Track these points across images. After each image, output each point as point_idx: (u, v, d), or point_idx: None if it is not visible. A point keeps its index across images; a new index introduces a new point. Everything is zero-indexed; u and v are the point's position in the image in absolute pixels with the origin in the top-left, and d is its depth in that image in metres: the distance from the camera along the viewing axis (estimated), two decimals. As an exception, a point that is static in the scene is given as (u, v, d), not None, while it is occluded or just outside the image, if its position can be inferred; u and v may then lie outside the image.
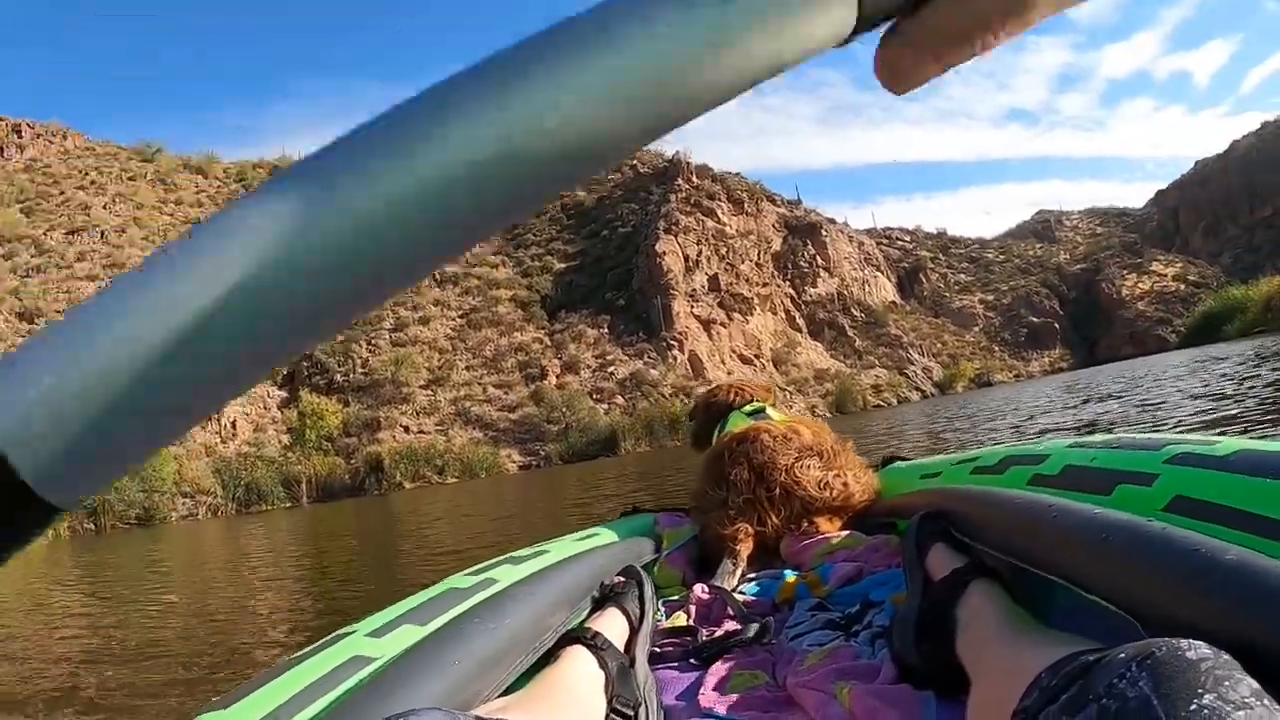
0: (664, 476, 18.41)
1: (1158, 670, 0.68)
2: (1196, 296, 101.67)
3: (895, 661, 1.33)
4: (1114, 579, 1.10)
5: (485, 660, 1.33)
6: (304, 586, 8.22)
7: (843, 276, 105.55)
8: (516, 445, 56.39)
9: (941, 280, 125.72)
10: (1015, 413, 16.87)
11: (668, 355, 70.30)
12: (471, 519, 14.34)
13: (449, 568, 6.96)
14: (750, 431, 2.63)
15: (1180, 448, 1.35)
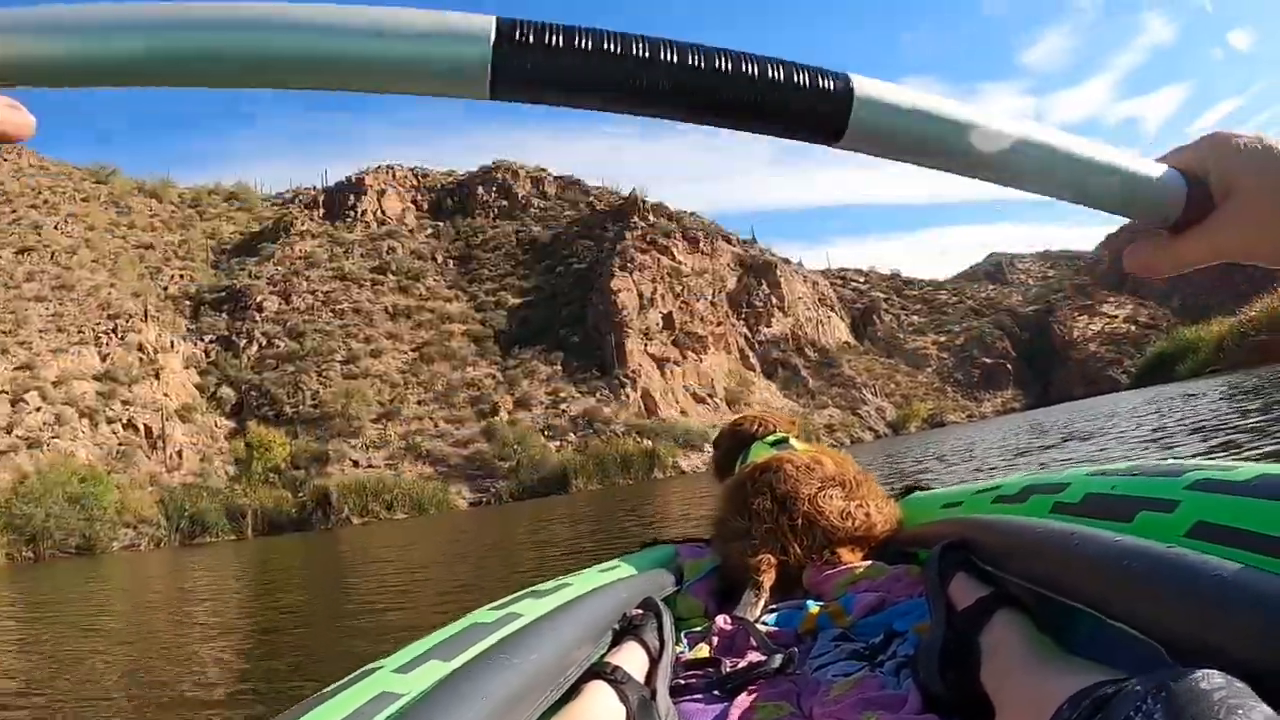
0: (616, 516, 18.16)
1: (1172, 702, 0.67)
2: (1147, 337, 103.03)
3: (920, 691, 1.36)
4: (1138, 605, 1.10)
5: (511, 696, 1.31)
6: (249, 634, 7.77)
7: (797, 316, 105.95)
8: (467, 481, 55.74)
9: (895, 321, 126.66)
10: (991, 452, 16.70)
11: (620, 393, 70.00)
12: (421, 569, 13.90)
13: (402, 624, 6.58)
14: (773, 461, 2.68)
15: (1201, 473, 1.36)
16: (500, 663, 1.39)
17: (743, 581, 2.36)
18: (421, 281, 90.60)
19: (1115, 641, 1.14)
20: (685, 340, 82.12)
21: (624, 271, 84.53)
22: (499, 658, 1.41)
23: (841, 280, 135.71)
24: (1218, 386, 19.90)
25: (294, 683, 5.44)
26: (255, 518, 47.06)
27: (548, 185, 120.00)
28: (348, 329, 77.81)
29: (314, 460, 56.87)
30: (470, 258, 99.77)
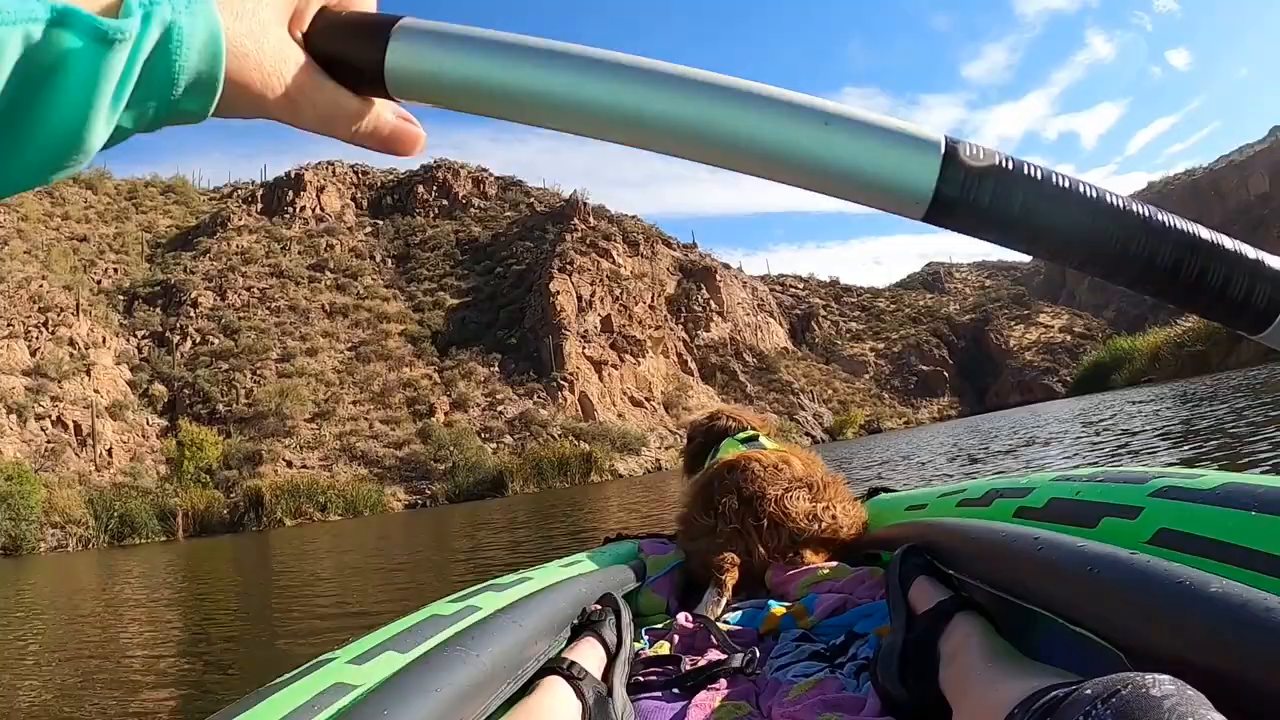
0: (552, 519, 18.18)
1: (1122, 708, 0.67)
2: (1082, 347, 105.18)
3: (880, 694, 1.36)
4: (1099, 611, 1.11)
5: (466, 690, 1.33)
6: (178, 640, 7.76)
7: (736, 321, 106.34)
8: (402, 483, 55.30)
9: (833, 328, 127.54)
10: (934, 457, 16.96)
11: (558, 395, 69.84)
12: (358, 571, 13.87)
13: (336, 631, 6.63)
14: (741, 459, 2.66)
15: (1165, 481, 1.36)
16: (456, 656, 1.40)
17: (706, 579, 2.38)
18: (359, 280, 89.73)
19: (1076, 647, 1.14)
20: (623, 343, 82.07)
21: (563, 274, 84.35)
22: (455, 651, 1.43)
23: (781, 286, 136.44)
24: (1166, 394, 20.34)
25: (227, 690, 5.37)
26: (186, 519, 46.27)
27: (488, 185, 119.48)
28: (283, 326, 76.85)
29: (247, 460, 56.06)
30: (409, 257, 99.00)
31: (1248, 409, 12.20)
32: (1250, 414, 11.52)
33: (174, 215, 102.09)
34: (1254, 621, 0.85)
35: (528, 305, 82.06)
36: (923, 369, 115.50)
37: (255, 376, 67.45)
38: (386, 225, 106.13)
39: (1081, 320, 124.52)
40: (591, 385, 73.36)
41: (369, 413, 65.48)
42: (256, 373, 68.12)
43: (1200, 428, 10.82)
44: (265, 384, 66.46)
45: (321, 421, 63.04)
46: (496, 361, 74.78)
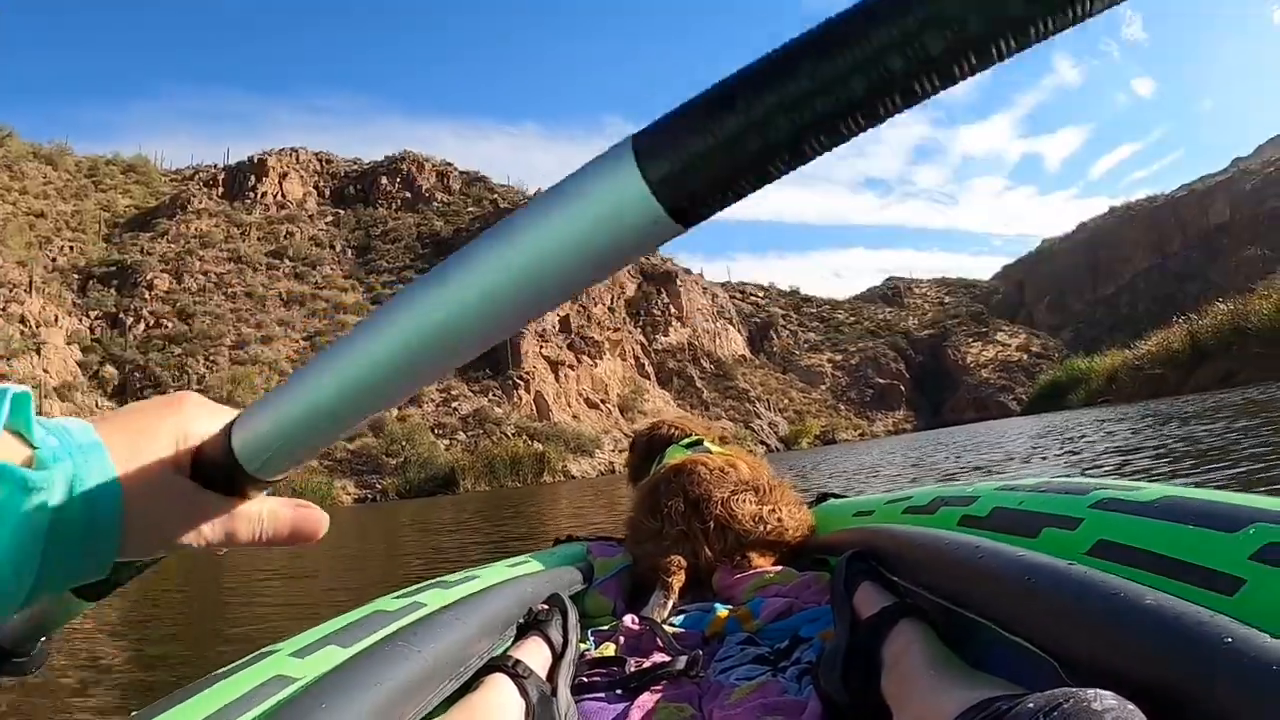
0: (503, 518, 18.13)
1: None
2: (1039, 367, 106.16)
3: (821, 699, 1.37)
4: (1037, 621, 1.13)
5: (408, 685, 1.34)
6: (119, 640, 7.66)
7: (694, 327, 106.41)
8: (352, 477, 54.81)
9: (792, 337, 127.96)
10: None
11: (513, 394, 69.59)
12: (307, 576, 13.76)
13: (278, 625, 6.59)
14: (687, 463, 2.72)
15: (1105, 493, 1.37)
16: (399, 651, 1.42)
17: (652, 582, 2.39)
18: (318, 269, 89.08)
19: (1014, 656, 1.16)
20: (581, 344, 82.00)
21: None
22: (398, 646, 1.45)
23: (741, 294, 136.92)
24: (1123, 415, 20.52)
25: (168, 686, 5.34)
26: None
27: (452, 180, 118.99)
28: (239, 313, 75.99)
29: (196, 448, 55.18)
30: (369, 248, 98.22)
31: (1244, 429, 12.33)
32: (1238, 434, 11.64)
33: (134, 195, 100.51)
34: (1187, 634, 0.86)
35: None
36: (879, 382, 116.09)
37: (208, 363, 66.55)
38: (348, 215, 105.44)
39: (1039, 340, 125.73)
40: (547, 385, 73.21)
41: (322, 404, 64.80)
42: (209, 359, 67.19)
43: (1197, 447, 10.93)
44: (218, 370, 65.34)
45: (273, 411, 62.18)
46: (453, 358, 74.31)
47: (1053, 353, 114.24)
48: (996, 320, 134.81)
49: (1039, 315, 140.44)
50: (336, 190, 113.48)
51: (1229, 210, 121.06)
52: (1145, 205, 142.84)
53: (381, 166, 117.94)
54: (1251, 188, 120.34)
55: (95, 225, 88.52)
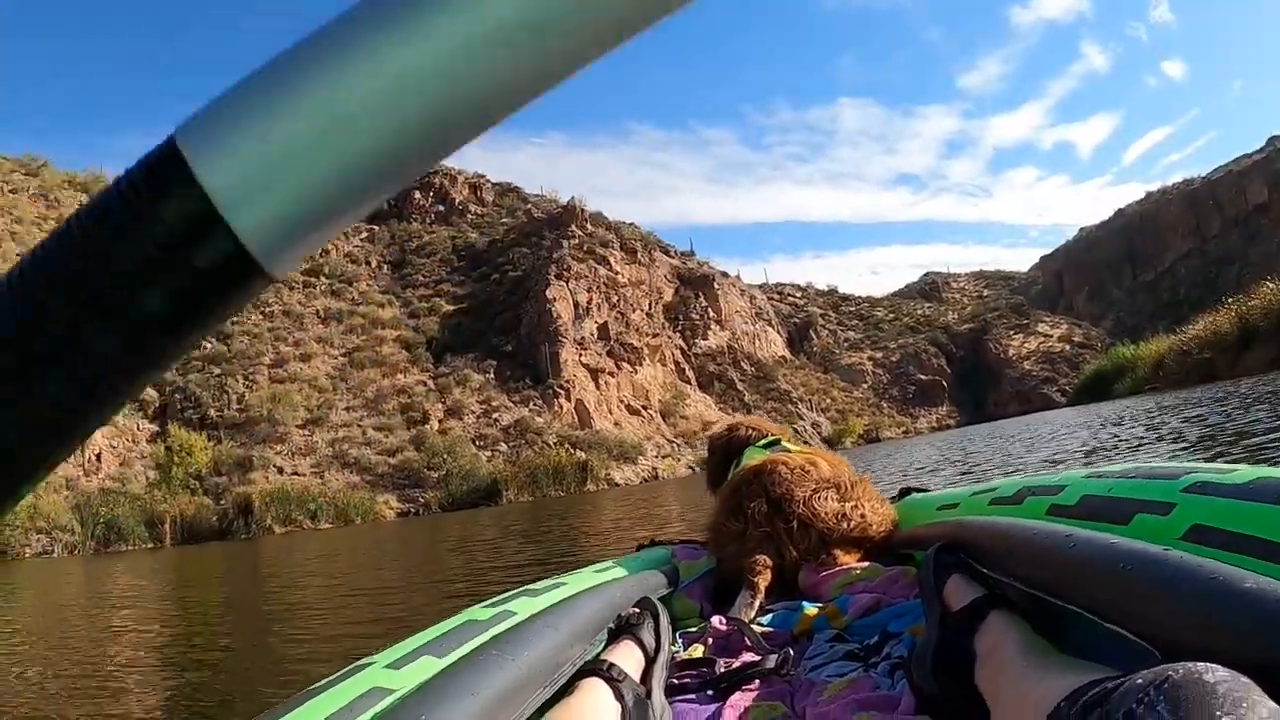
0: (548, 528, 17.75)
1: (1175, 694, 0.66)
2: (1081, 357, 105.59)
3: (914, 693, 1.38)
4: (1132, 607, 1.13)
5: (504, 693, 1.37)
6: (165, 653, 7.17)
7: (733, 330, 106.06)
8: (395, 491, 54.45)
9: (831, 337, 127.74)
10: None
11: (554, 403, 69.12)
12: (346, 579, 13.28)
13: (327, 642, 6.11)
14: (767, 464, 2.72)
15: (1197, 476, 1.37)
16: (493, 660, 1.43)
17: (738, 583, 2.37)
18: (354, 286, 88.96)
19: (1110, 644, 1.15)
20: (620, 351, 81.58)
21: (560, 280, 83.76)
22: (492, 655, 1.45)
23: (779, 295, 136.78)
24: (1190, 400, 19.71)
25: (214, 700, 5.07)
26: (174, 525, 45.17)
27: (485, 192, 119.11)
28: (276, 332, 75.80)
29: (237, 466, 55.03)
30: (404, 263, 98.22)
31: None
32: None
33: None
34: None
35: (524, 312, 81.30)
36: (921, 378, 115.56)
37: (247, 382, 66.36)
38: (382, 231, 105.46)
39: (1080, 330, 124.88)
40: (588, 393, 72.76)
41: (362, 419, 64.48)
42: (249, 378, 66.99)
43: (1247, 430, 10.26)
44: (257, 389, 65.20)
45: (314, 428, 61.99)
46: (492, 368, 73.98)
47: (1095, 342, 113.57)
48: (1037, 311, 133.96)
49: (1079, 305, 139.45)
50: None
51: (1267, 190, 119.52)
52: (1182, 189, 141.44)
53: (414, 181, 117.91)
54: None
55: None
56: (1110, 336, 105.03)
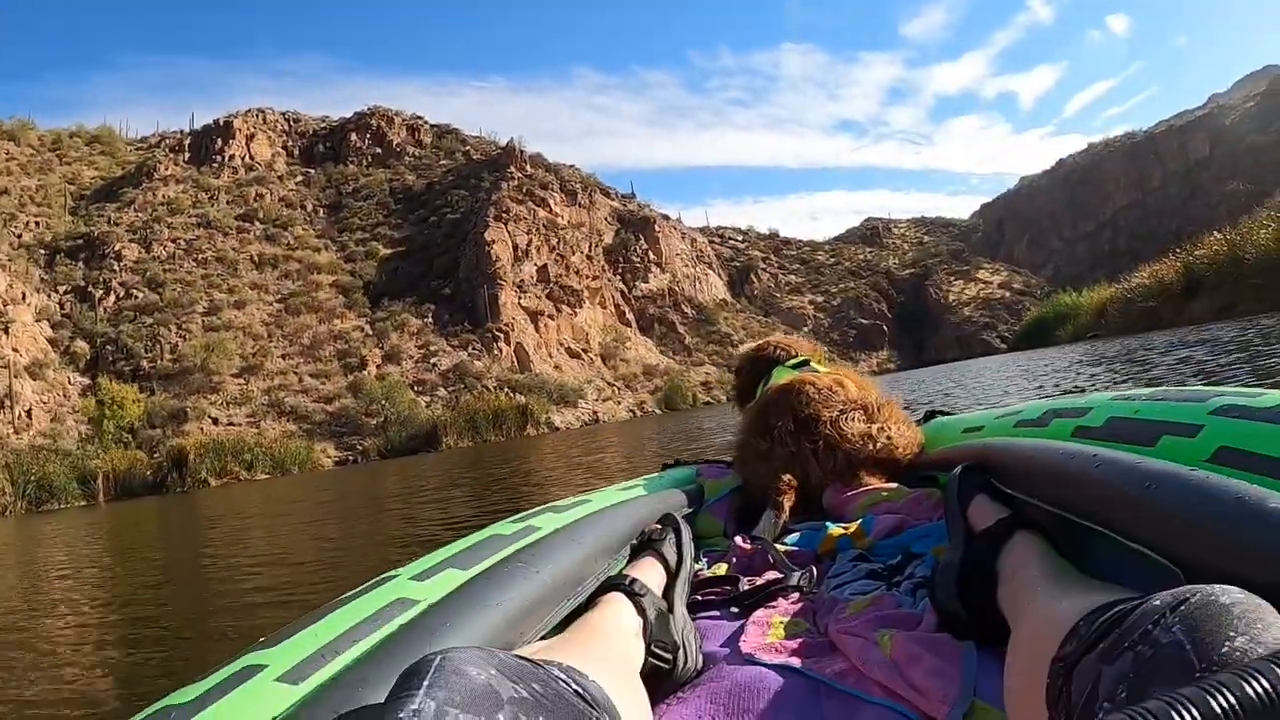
0: (487, 470, 17.72)
1: (1190, 615, 0.68)
2: (1021, 304, 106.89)
3: (936, 611, 1.39)
4: (1157, 528, 1.14)
5: (527, 604, 1.42)
6: (107, 617, 6.97)
7: (674, 273, 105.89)
8: (332, 439, 53.85)
9: (772, 280, 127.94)
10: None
11: (493, 347, 68.69)
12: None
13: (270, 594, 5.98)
14: (795, 383, 2.74)
15: (1225, 399, 1.38)
16: (518, 571, 1.49)
17: (763, 502, 2.38)
18: (289, 230, 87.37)
19: (1134, 565, 1.17)
20: (560, 294, 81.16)
21: (499, 222, 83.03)
22: (517, 567, 1.51)
23: (720, 238, 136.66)
24: (1138, 345, 19.90)
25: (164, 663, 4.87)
26: (107, 481, 44.00)
27: (423, 134, 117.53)
28: (210, 279, 74.29)
29: (171, 418, 53.92)
30: (341, 206, 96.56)
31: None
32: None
33: (99, 166, 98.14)
34: None
35: (462, 255, 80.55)
36: (862, 322, 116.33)
37: (181, 331, 64.99)
38: (318, 174, 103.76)
39: (1020, 277, 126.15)
40: (527, 336, 72.43)
41: (298, 366, 63.49)
42: (182, 327, 65.60)
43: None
44: (191, 338, 63.99)
45: (249, 376, 60.90)
46: (430, 312, 73.22)
47: (1034, 290, 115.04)
48: (977, 258, 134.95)
49: (1019, 253, 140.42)
50: (305, 149, 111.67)
51: (1209, 146, 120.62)
52: (1124, 141, 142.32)
53: (350, 123, 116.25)
54: (1230, 123, 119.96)
55: (61, 199, 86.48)
56: (1050, 285, 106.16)
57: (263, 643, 1.14)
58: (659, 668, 1.31)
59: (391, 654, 1.13)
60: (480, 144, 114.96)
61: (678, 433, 22.01)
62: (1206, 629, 0.66)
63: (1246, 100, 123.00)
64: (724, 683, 1.29)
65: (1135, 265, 46.84)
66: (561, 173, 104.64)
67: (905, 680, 1.19)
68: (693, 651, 1.37)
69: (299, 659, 1.11)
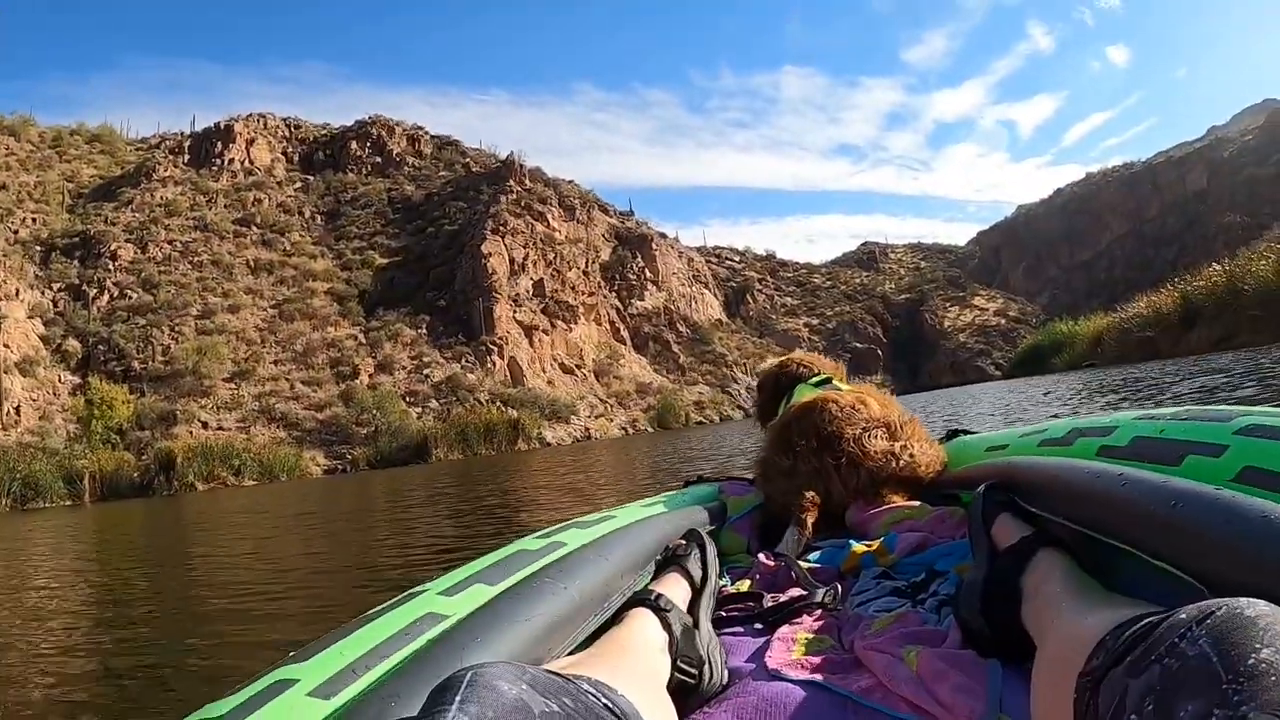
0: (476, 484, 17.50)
1: (1216, 628, 0.69)
2: (1016, 331, 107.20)
3: (961, 628, 1.39)
4: (1183, 546, 1.14)
5: (555, 620, 1.43)
6: (91, 619, 6.76)
7: (670, 291, 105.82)
8: (322, 447, 53.63)
9: (768, 302, 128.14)
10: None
11: (487, 360, 68.62)
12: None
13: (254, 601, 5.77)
14: (818, 400, 2.71)
15: (1250, 419, 1.37)
16: (546, 587, 1.50)
17: (785, 519, 2.37)
18: (286, 236, 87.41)
19: (1160, 583, 1.18)
20: (555, 309, 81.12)
21: (496, 235, 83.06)
22: (545, 582, 1.52)
23: (717, 258, 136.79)
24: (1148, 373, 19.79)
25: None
26: (94, 481, 43.74)
27: (424, 144, 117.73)
28: (205, 282, 74.09)
29: (160, 420, 53.76)
30: (339, 214, 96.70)
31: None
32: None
33: (99, 165, 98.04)
34: None
35: (459, 267, 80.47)
36: (857, 346, 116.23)
37: (174, 333, 64.84)
38: (317, 181, 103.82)
39: (1016, 305, 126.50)
40: (521, 350, 72.34)
41: (290, 373, 63.37)
42: (175, 329, 65.46)
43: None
44: (183, 341, 63.83)
45: (240, 381, 60.75)
46: (424, 323, 73.17)
47: (1030, 318, 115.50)
48: (973, 285, 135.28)
49: (1015, 280, 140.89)
50: (305, 156, 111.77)
51: (1207, 178, 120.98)
52: (1122, 172, 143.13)
53: (351, 131, 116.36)
54: (1229, 155, 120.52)
55: (59, 196, 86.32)
56: (1045, 313, 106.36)
57: (293, 657, 1.15)
58: (685, 683, 1.31)
59: (422, 669, 1.14)
60: (480, 156, 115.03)
61: (670, 453, 21.78)
62: (1233, 641, 0.66)
63: (1245, 133, 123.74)
64: (750, 698, 1.29)
65: (1131, 295, 46.80)
66: (560, 188, 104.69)
67: (931, 696, 1.19)
68: (718, 667, 1.38)
69: (331, 673, 1.12)
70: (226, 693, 1.07)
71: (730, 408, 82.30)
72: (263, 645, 4.62)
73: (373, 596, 4.41)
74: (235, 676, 1.13)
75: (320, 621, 4.75)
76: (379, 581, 6.57)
